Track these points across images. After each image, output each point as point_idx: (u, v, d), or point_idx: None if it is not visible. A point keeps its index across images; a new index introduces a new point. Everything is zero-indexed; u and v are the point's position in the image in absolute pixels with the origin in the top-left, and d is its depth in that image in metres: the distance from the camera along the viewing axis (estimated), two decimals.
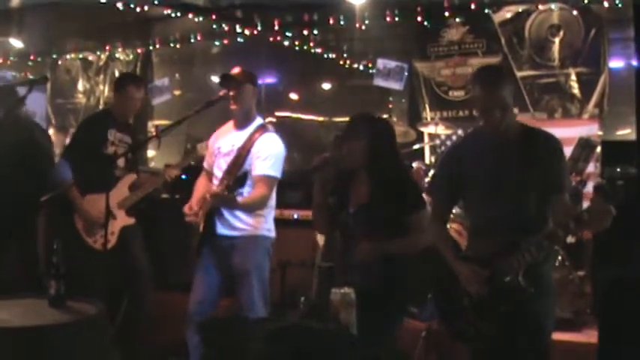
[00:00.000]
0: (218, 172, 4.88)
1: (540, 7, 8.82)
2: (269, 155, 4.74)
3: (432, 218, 4.04)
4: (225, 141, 4.93)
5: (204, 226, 4.77)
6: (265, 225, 4.85)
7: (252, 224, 4.77)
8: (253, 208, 4.75)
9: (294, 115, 11.51)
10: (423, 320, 5.63)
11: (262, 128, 4.88)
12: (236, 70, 4.88)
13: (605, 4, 8.31)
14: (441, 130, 7.93)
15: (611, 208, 3.25)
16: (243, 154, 4.77)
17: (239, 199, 4.57)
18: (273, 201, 4.89)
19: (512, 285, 3.52)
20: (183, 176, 5.83)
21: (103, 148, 5.54)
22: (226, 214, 4.74)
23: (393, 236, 4.03)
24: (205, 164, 5.13)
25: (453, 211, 6.44)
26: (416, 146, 7.74)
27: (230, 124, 5.01)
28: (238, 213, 4.74)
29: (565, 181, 3.65)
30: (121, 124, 5.67)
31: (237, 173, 4.70)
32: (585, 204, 6.33)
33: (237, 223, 4.75)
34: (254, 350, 3.06)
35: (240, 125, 4.90)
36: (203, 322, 4.46)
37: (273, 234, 4.93)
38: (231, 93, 4.78)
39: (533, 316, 3.62)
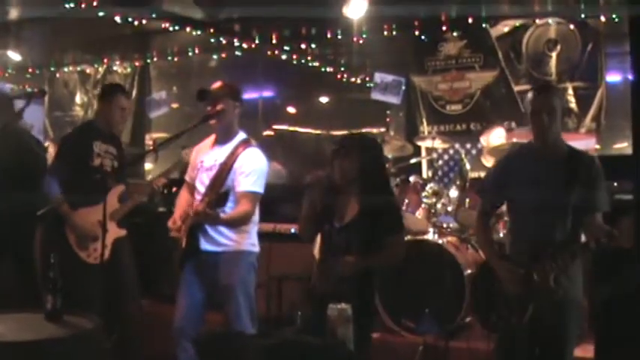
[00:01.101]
0: (200, 187, 4.84)
1: (537, 21, 8.85)
2: (252, 171, 4.71)
3: (478, 217, 4.39)
4: (208, 155, 4.89)
5: (187, 242, 4.74)
6: (249, 240, 4.82)
7: (235, 239, 4.75)
8: (237, 224, 4.72)
9: (292, 129, 11.51)
10: (420, 334, 5.63)
11: (245, 143, 4.84)
12: (216, 85, 4.83)
13: (602, 19, 8.34)
14: (438, 144, 7.93)
15: None
16: (225, 169, 4.74)
17: (222, 215, 4.55)
18: (256, 216, 4.86)
19: (543, 285, 3.86)
20: None
21: (89, 161, 5.51)
22: (210, 229, 4.71)
23: (371, 252, 4.16)
24: (187, 177, 5.09)
25: (451, 225, 6.50)
26: (413, 160, 7.74)
27: (212, 137, 4.98)
28: (222, 229, 4.71)
29: (602, 202, 4.00)
30: (105, 136, 5.64)
31: (219, 188, 4.68)
32: None
33: (220, 239, 4.72)
34: None
35: (222, 140, 4.87)
36: (199, 338, 4.46)
37: (257, 249, 4.90)
38: (208, 108, 4.76)
39: (559, 315, 3.95)
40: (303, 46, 10.49)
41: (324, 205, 4.28)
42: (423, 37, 9.50)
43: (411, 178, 7.06)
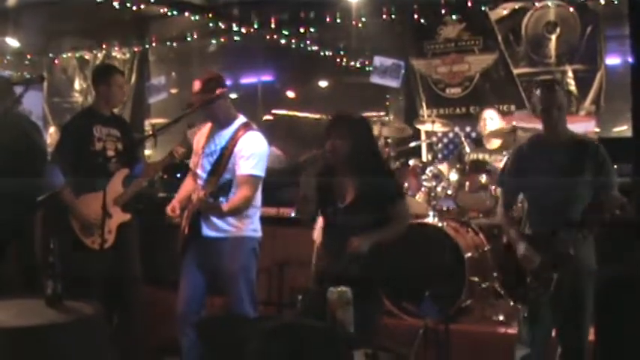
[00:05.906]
0: (202, 173, 4.82)
1: (537, 4, 8.82)
2: (252, 154, 4.68)
3: (501, 205, 4.75)
4: (209, 140, 4.88)
5: (189, 227, 4.74)
6: (251, 225, 4.81)
7: (237, 225, 4.73)
8: (238, 211, 4.69)
9: (291, 113, 11.50)
10: (421, 317, 5.64)
11: (245, 127, 4.81)
12: (197, 87, 4.72)
13: (602, 1, 8.31)
14: (438, 127, 7.93)
15: None
16: (226, 154, 4.72)
17: (224, 205, 4.53)
18: (258, 201, 4.85)
19: (564, 255, 4.22)
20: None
21: (90, 146, 5.49)
22: (211, 215, 4.71)
23: (378, 227, 4.22)
24: (191, 164, 5.07)
25: (451, 208, 6.51)
26: (412, 144, 7.73)
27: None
28: None
29: (613, 182, 4.36)
30: (105, 119, 5.61)
31: (221, 173, 4.67)
32: None
33: (222, 225, 4.71)
34: (252, 348, 3.06)
35: (222, 125, 4.83)
36: (200, 322, 4.47)
37: (259, 234, 4.89)
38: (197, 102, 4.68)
39: (580, 279, 4.32)
40: (302, 30, 10.46)
41: (325, 186, 4.30)
42: (422, 20, 9.47)
43: (411, 162, 7.06)
